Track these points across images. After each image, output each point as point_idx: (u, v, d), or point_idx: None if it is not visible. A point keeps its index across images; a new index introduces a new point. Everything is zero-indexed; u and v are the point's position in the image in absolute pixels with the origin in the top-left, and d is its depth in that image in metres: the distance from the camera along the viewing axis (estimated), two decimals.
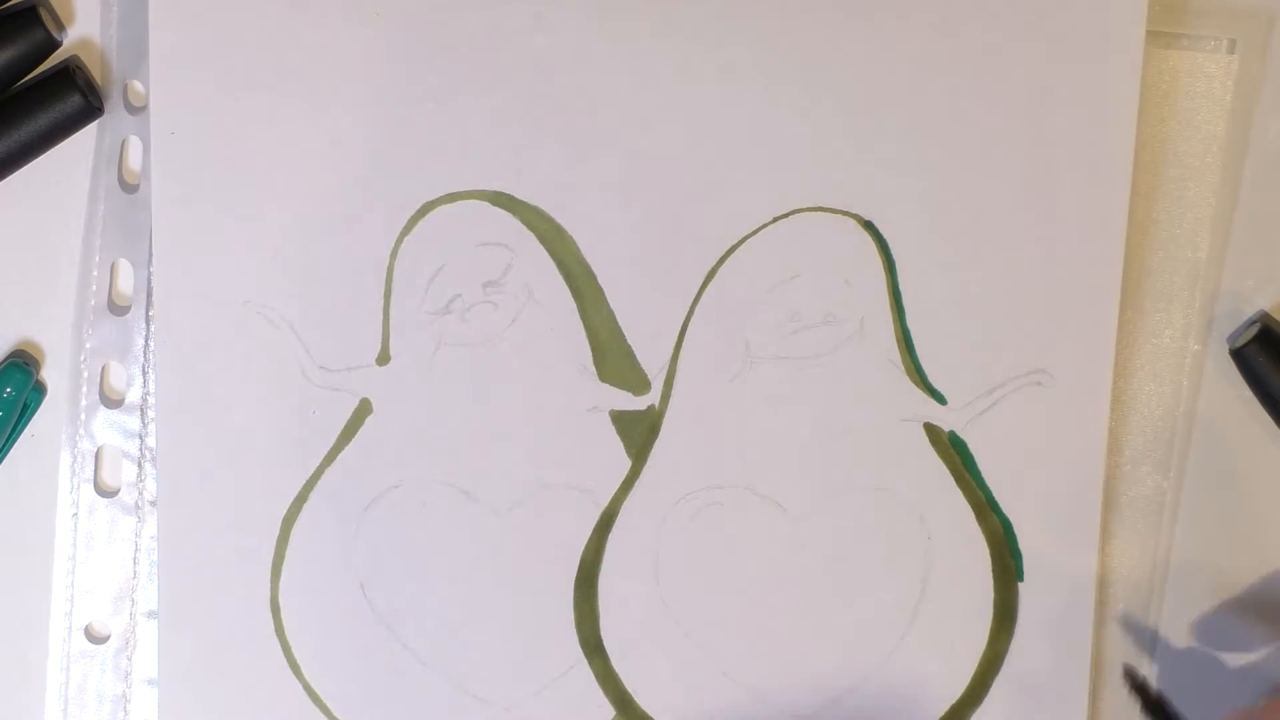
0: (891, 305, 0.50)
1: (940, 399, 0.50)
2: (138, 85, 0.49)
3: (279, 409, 0.49)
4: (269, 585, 0.50)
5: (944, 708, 0.51)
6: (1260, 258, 0.51)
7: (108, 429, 0.50)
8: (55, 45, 0.49)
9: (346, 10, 0.48)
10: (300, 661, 0.50)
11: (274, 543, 0.50)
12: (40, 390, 0.50)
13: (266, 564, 0.50)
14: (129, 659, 0.50)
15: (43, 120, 0.48)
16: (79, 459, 0.50)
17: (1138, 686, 0.50)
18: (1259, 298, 0.51)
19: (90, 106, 0.48)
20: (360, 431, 0.49)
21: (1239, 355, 0.50)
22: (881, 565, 0.50)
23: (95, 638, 0.51)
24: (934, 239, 0.49)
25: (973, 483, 0.50)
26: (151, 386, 0.50)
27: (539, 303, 0.49)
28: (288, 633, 0.50)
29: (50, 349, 0.50)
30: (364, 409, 0.49)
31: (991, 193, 0.49)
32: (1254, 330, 0.50)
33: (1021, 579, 0.50)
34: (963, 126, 0.49)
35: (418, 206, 0.49)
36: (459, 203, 0.49)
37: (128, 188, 0.49)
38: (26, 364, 0.50)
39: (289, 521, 0.50)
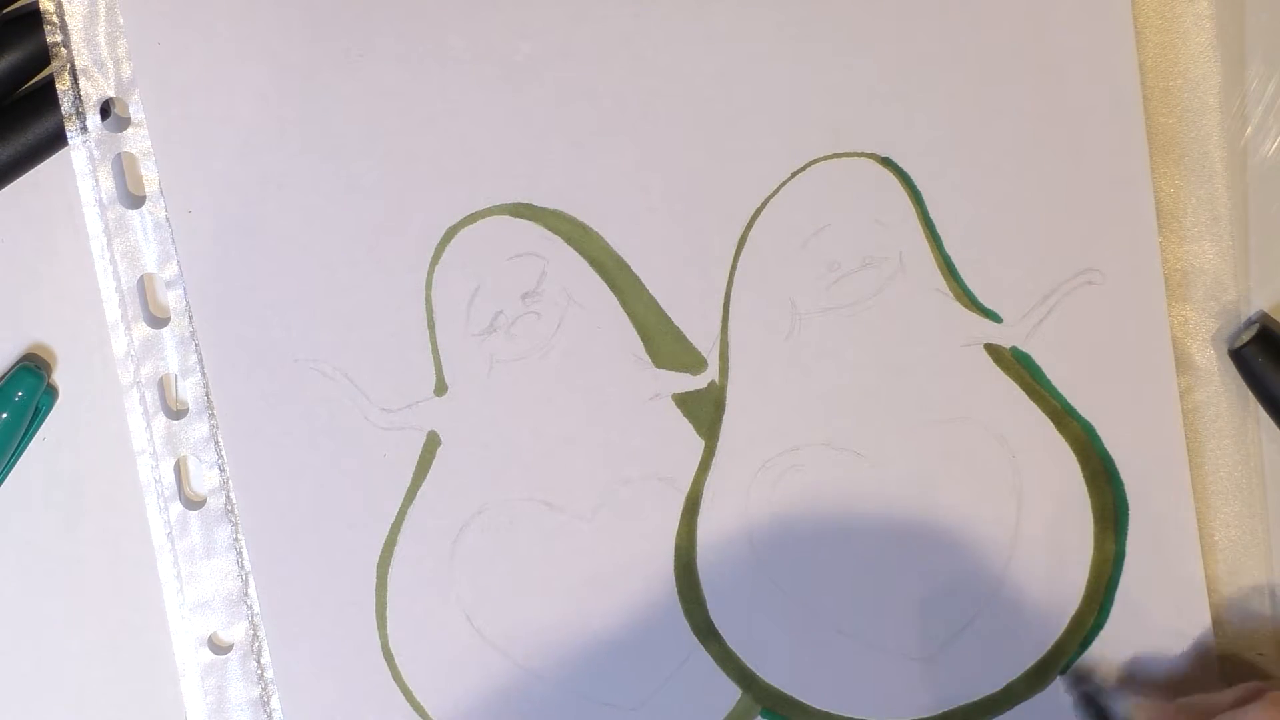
0: (927, 235, 0.49)
1: (995, 318, 0.50)
2: (125, 102, 0.49)
3: (350, 459, 0.50)
4: (377, 634, 0.50)
5: (1065, 621, 0.50)
6: (1259, 258, 0.50)
7: (178, 440, 0.50)
8: None
9: (331, 62, 0.48)
10: (424, 703, 0.50)
11: (373, 591, 0.50)
12: (52, 394, 0.50)
13: (370, 614, 0.50)
14: (257, 660, 0.50)
15: (49, 123, 0.48)
16: (160, 477, 0.50)
17: (1080, 693, 0.50)
18: (1258, 298, 0.50)
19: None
20: (434, 465, 0.50)
21: (1238, 356, 0.50)
22: (973, 493, 0.50)
23: (219, 648, 0.51)
24: (953, 161, 0.49)
25: (1045, 393, 0.50)
26: (207, 387, 0.49)
27: (580, 303, 0.49)
28: (405, 678, 0.50)
29: (66, 356, 0.50)
30: (433, 442, 0.50)
31: (1000, 103, 0.49)
32: (1253, 331, 0.49)
33: (1115, 477, 0.50)
34: (959, 44, 0.49)
35: (441, 233, 0.49)
36: (480, 221, 0.49)
37: (134, 201, 0.49)
38: (38, 368, 0.49)
39: (383, 567, 0.50)
